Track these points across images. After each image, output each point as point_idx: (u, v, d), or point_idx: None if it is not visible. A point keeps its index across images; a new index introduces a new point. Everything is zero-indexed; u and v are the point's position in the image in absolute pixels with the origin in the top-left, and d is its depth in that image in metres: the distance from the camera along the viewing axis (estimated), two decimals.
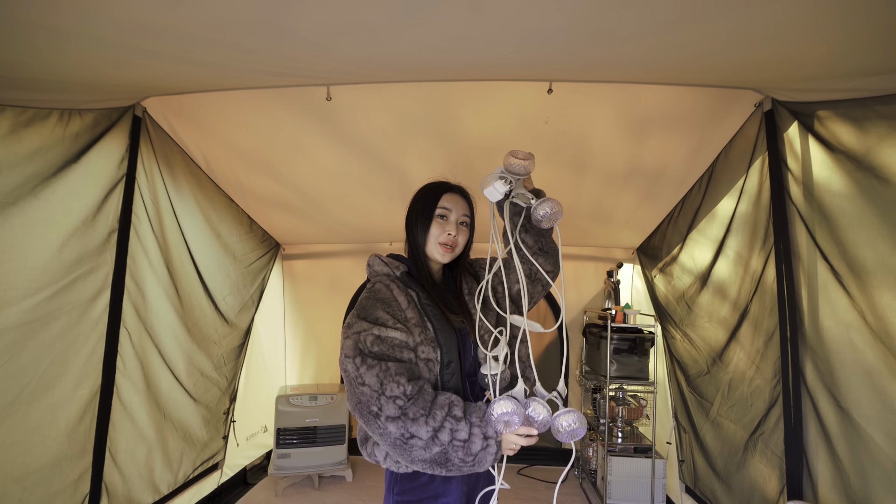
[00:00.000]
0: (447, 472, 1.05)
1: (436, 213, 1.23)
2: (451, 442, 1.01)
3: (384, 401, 1.01)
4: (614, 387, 3.07)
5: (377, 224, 3.28)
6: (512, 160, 1.17)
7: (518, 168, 1.17)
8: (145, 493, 2.21)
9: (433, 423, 1.00)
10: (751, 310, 2.04)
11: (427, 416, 1.01)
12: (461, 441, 1.01)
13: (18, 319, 1.56)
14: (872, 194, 1.44)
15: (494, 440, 1.03)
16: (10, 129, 1.51)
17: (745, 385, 2.08)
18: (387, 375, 1.02)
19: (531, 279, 1.30)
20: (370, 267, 1.28)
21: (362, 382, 1.03)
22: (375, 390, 1.02)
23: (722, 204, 2.27)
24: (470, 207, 1.29)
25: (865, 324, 1.47)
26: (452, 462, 1.02)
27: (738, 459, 2.13)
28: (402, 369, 1.05)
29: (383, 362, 1.05)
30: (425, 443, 1.00)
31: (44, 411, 1.68)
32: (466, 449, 1.01)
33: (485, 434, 1.02)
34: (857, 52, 1.30)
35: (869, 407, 1.47)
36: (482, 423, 1.03)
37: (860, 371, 1.50)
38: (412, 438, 1.00)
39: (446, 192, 1.26)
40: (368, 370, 1.03)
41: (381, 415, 1.01)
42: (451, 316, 1.20)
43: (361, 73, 1.73)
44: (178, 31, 1.29)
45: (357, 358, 1.05)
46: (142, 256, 2.10)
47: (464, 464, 1.03)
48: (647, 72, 1.68)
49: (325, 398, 3.24)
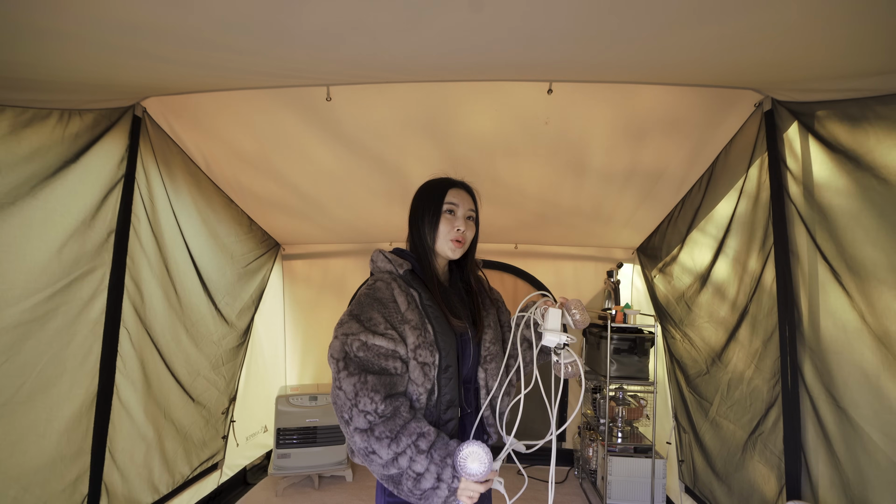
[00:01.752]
0: (398, 494, 1.05)
1: (444, 209, 1.21)
2: (407, 469, 1.01)
3: (355, 413, 1.02)
4: (614, 387, 3.06)
5: (377, 224, 3.28)
6: (577, 316, 1.18)
7: (580, 325, 1.18)
8: (145, 493, 2.21)
9: (395, 449, 1.01)
10: (750, 310, 2.04)
11: (392, 441, 1.01)
12: (415, 473, 1.01)
13: (16, 319, 1.56)
14: (872, 194, 1.44)
15: (447, 484, 1.01)
16: (10, 129, 1.51)
17: (744, 385, 2.08)
18: (363, 388, 1.02)
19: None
20: (373, 262, 1.26)
21: (340, 387, 1.04)
22: (350, 399, 1.03)
23: (722, 204, 2.27)
24: (474, 202, 1.28)
25: (864, 324, 1.47)
26: (402, 487, 1.03)
27: (737, 459, 2.13)
28: (381, 384, 1.04)
29: (363, 374, 1.04)
30: (384, 462, 1.02)
31: (41, 411, 1.68)
32: (417, 482, 1.01)
33: (439, 475, 1.01)
34: (857, 52, 1.30)
35: (867, 407, 1.47)
36: (441, 463, 1.02)
37: (859, 371, 1.50)
38: (374, 454, 1.02)
39: (451, 187, 1.25)
40: (348, 377, 1.04)
41: (350, 423, 1.03)
42: (453, 320, 1.18)
43: (362, 75, 1.73)
44: (178, 33, 1.29)
45: (340, 361, 1.06)
46: (141, 257, 2.10)
47: (411, 494, 1.03)
48: (647, 72, 1.68)
49: (325, 398, 3.24)
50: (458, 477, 1.02)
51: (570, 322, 1.17)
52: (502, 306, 1.41)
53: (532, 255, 3.65)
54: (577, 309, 1.16)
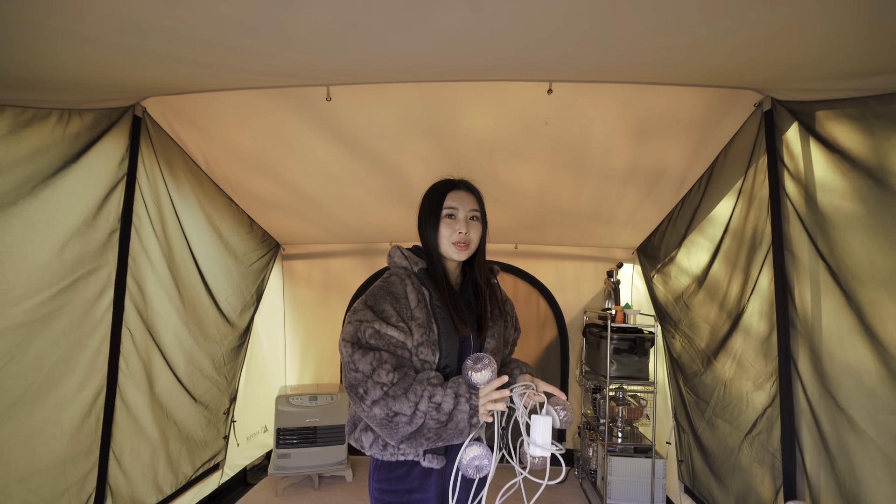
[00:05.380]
0: (427, 442, 1.08)
1: (443, 214, 1.23)
2: (428, 409, 1.05)
3: (370, 384, 1.06)
4: (614, 387, 3.07)
5: (377, 224, 3.28)
6: (563, 415, 1.11)
7: (566, 424, 1.12)
8: (149, 494, 2.21)
9: (413, 398, 1.06)
10: (748, 310, 2.04)
11: (406, 392, 1.06)
12: (436, 404, 1.05)
13: (20, 319, 1.56)
14: (871, 194, 1.44)
15: (466, 399, 1.05)
16: (10, 129, 1.51)
17: (741, 385, 2.08)
18: (378, 363, 1.08)
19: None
20: (390, 257, 1.29)
21: (355, 368, 1.08)
22: (367, 375, 1.07)
23: (721, 204, 2.26)
24: (478, 201, 1.28)
25: (862, 324, 1.47)
26: (428, 431, 1.06)
27: (734, 459, 2.13)
28: (393, 359, 1.11)
29: (376, 351, 1.10)
30: (409, 417, 1.05)
31: (48, 412, 1.68)
32: (438, 410, 1.05)
33: (456, 392, 1.06)
34: (858, 52, 1.30)
35: (863, 407, 1.47)
36: (455, 383, 1.08)
37: (855, 371, 1.50)
38: (396, 416, 1.05)
39: (451, 190, 1.25)
40: (363, 356, 1.08)
41: (366, 398, 1.07)
42: (459, 325, 1.20)
43: (362, 75, 1.73)
44: (178, 32, 1.29)
45: (355, 345, 1.10)
46: (143, 256, 2.10)
47: (439, 432, 1.06)
48: (646, 72, 1.68)
49: (325, 398, 3.24)
50: (475, 393, 1.06)
51: (556, 421, 1.09)
52: (510, 321, 1.41)
53: (532, 256, 3.65)
54: (563, 406, 1.10)
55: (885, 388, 1.39)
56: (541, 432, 1.04)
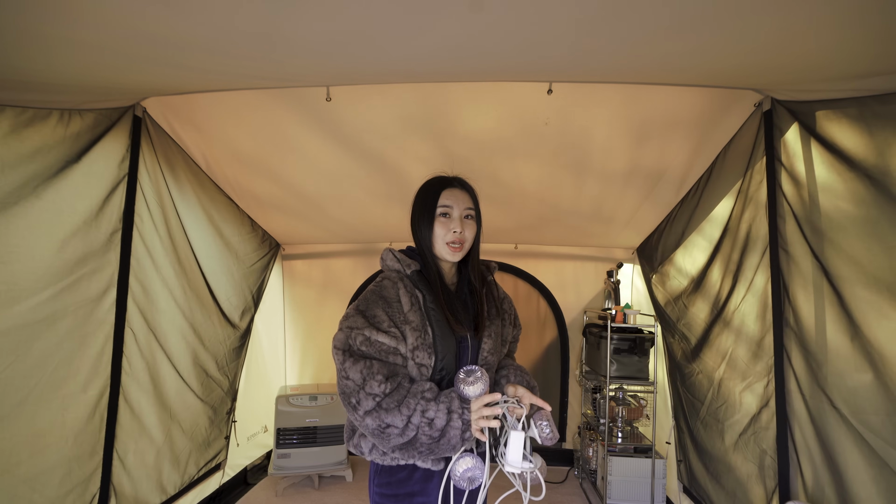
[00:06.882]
0: (419, 455, 1.08)
1: (437, 213, 1.20)
2: (420, 423, 1.04)
3: (363, 395, 1.05)
4: (614, 387, 3.07)
5: (376, 224, 3.28)
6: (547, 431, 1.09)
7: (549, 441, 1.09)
8: (153, 494, 2.21)
9: (406, 412, 1.04)
10: (745, 310, 2.04)
11: (399, 405, 1.05)
12: (428, 419, 1.04)
13: (23, 319, 1.56)
14: (869, 195, 1.44)
15: (458, 415, 1.04)
16: (11, 128, 1.52)
17: (737, 385, 2.08)
18: (370, 373, 1.06)
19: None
20: (383, 261, 1.26)
21: (346, 376, 1.07)
22: (358, 384, 1.06)
23: (720, 205, 2.27)
24: (473, 199, 1.25)
25: (859, 324, 1.47)
26: (420, 445, 1.05)
27: (729, 459, 2.14)
28: (384, 368, 1.08)
29: (367, 360, 1.08)
30: (401, 430, 1.04)
31: (53, 412, 1.68)
32: (431, 425, 1.04)
33: (449, 408, 1.05)
34: (864, 55, 1.29)
35: (859, 407, 1.47)
36: (447, 398, 1.06)
37: (852, 372, 1.50)
38: (388, 427, 1.04)
39: (445, 188, 1.22)
40: (353, 364, 1.07)
41: (359, 407, 1.06)
42: (455, 326, 1.18)
43: (362, 77, 1.73)
44: (178, 39, 1.29)
45: (346, 352, 1.09)
46: (145, 256, 2.10)
47: (431, 446, 1.05)
48: (646, 73, 1.68)
49: (325, 398, 3.25)
50: (467, 408, 1.05)
51: (538, 437, 1.08)
52: (508, 319, 1.37)
53: (532, 256, 3.66)
54: (549, 422, 1.08)
55: (878, 390, 1.40)
56: (512, 449, 1.03)
